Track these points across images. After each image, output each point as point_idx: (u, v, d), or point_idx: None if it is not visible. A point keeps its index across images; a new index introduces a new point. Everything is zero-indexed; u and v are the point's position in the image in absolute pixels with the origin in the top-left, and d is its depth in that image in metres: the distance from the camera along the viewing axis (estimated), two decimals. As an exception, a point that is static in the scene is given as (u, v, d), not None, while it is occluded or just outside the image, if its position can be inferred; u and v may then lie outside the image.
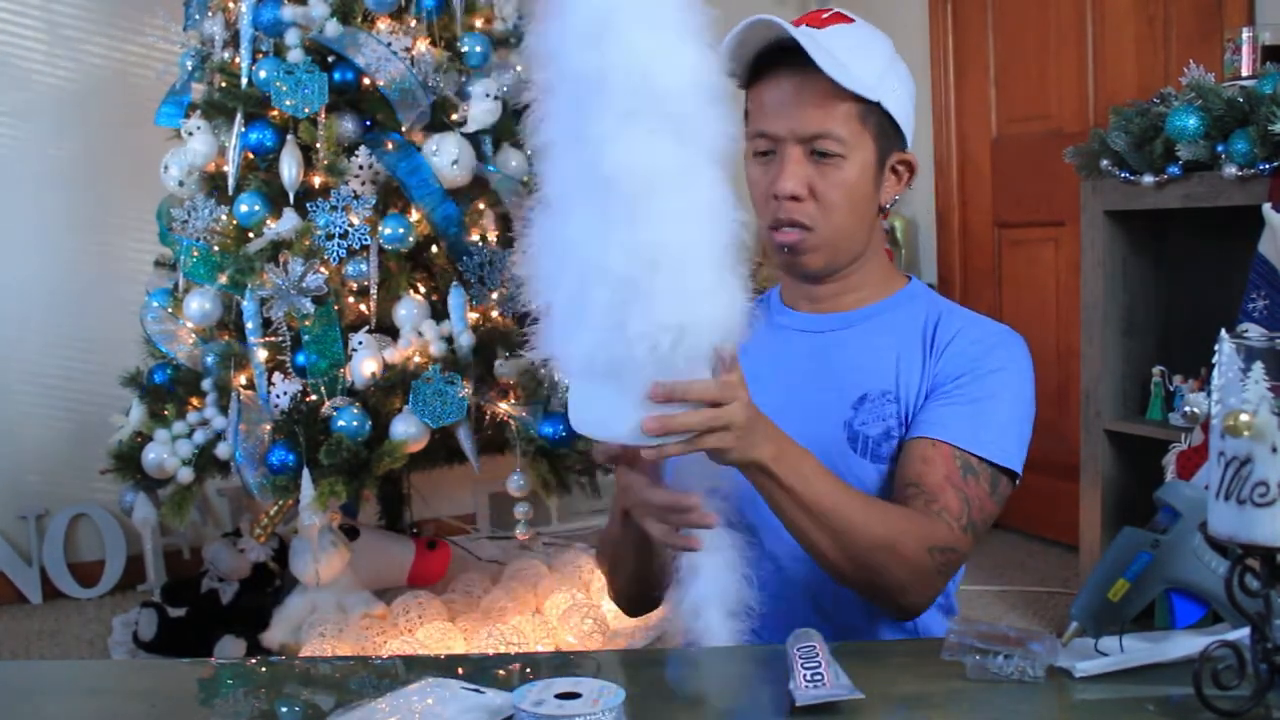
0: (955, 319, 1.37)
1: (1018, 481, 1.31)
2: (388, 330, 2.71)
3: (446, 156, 2.72)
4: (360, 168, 2.71)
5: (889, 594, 1.22)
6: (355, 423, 2.54)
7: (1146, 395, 2.89)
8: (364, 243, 2.65)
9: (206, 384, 2.73)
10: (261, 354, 2.64)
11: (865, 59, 1.29)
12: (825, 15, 1.33)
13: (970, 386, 1.30)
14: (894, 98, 1.31)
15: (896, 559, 1.19)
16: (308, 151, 2.71)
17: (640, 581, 1.34)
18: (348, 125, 2.75)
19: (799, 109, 1.28)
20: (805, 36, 1.25)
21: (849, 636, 1.33)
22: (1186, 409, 2.72)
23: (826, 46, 1.27)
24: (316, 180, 2.71)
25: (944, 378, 1.32)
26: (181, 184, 2.87)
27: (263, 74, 2.69)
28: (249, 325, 2.64)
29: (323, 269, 2.62)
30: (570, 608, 2.91)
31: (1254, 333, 2.23)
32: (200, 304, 2.73)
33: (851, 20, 1.33)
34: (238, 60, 2.79)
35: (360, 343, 2.64)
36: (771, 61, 1.30)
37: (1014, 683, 1.02)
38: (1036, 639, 1.04)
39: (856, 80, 1.26)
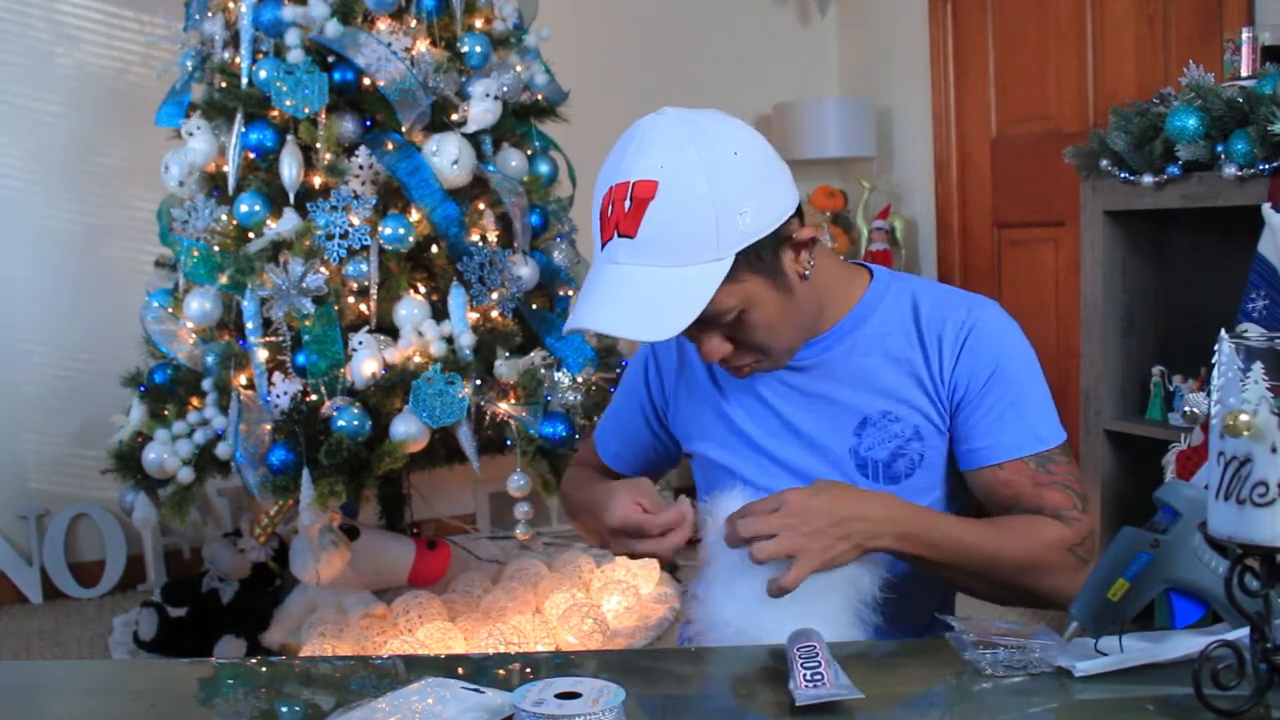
0: (934, 308, 1.35)
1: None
2: (388, 330, 2.71)
3: (446, 156, 2.72)
4: (360, 168, 2.71)
5: (1050, 601, 1.29)
6: (355, 423, 2.54)
7: (1146, 395, 2.89)
8: (364, 243, 2.65)
9: (206, 384, 2.73)
10: (261, 354, 2.64)
11: (693, 223, 1.15)
12: (627, 209, 1.16)
13: (998, 388, 1.31)
14: (740, 225, 1.16)
15: (1046, 572, 1.26)
16: (308, 151, 2.72)
17: None
18: (348, 125, 2.75)
19: None
20: (624, 282, 1.16)
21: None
22: (1186, 409, 2.72)
23: (654, 241, 1.15)
24: (316, 180, 2.71)
25: (966, 387, 1.32)
26: (182, 184, 2.87)
27: (263, 74, 2.69)
28: (249, 325, 2.64)
29: (323, 269, 2.62)
30: (570, 608, 2.91)
31: (1254, 333, 2.23)
32: (200, 304, 2.73)
33: (653, 186, 1.15)
34: (238, 60, 2.79)
35: (360, 343, 2.64)
36: None
37: (1014, 682, 1.02)
38: (1037, 638, 1.04)
39: (698, 266, 1.16)
